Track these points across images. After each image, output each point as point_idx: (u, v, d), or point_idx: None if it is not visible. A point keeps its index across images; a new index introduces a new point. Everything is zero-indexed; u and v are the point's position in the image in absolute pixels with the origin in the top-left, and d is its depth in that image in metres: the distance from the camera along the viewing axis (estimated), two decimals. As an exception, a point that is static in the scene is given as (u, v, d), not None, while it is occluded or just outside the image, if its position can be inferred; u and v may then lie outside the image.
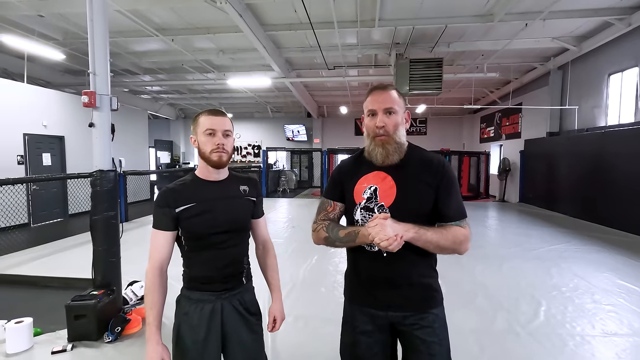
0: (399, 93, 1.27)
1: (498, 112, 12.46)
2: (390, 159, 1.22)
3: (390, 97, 1.23)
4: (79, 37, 6.94)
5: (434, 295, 1.26)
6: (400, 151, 1.23)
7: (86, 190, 6.91)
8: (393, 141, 1.21)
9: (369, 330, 1.28)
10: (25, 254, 4.86)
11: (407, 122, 1.29)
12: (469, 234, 1.19)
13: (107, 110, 2.80)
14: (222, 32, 6.85)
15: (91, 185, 2.79)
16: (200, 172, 1.33)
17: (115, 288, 2.82)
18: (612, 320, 2.91)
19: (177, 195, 1.26)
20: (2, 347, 2.40)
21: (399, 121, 1.23)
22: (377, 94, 1.24)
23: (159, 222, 1.26)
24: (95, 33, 2.78)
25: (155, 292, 1.22)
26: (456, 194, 1.24)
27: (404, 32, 6.90)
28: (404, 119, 1.27)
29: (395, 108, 1.22)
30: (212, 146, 1.27)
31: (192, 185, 1.31)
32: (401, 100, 1.26)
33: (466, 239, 1.17)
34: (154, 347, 1.17)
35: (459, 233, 1.17)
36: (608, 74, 7.19)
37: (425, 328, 1.22)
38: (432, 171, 1.22)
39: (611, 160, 6.57)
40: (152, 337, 1.18)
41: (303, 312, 3.01)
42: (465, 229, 1.19)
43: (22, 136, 7.07)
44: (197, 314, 1.26)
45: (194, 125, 1.32)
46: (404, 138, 1.25)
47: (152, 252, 1.26)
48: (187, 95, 13.38)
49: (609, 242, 5.46)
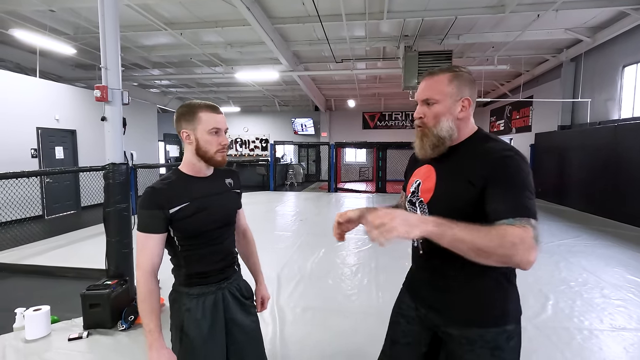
0: (454, 77, 1.08)
1: (508, 105, 12.28)
2: (426, 153, 1.11)
3: (432, 86, 1.09)
4: (90, 32, 7.01)
5: (487, 311, 1.06)
6: (441, 145, 1.08)
7: (98, 183, 7.06)
8: (431, 134, 1.09)
9: (411, 316, 1.22)
10: (40, 244, 5.00)
11: (465, 110, 1.08)
12: (531, 238, 0.86)
13: (118, 104, 2.85)
14: (230, 26, 6.85)
15: (104, 178, 2.85)
16: (189, 169, 1.28)
17: (128, 278, 2.89)
18: (620, 315, 2.89)
19: (168, 195, 1.20)
20: (21, 334, 2.49)
21: (440, 112, 1.07)
22: (423, 81, 1.12)
23: (149, 226, 1.19)
24: (107, 28, 2.82)
25: (152, 297, 1.19)
26: (515, 190, 0.95)
27: (412, 24, 6.82)
28: (456, 108, 1.08)
29: (435, 98, 1.08)
30: (217, 146, 1.25)
31: (181, 183, 1.25)
32: (453, 87, 1.07)
33: (522, 241, 0.84)
34: (160, 352, 1.15)
35: (510, 232, 0.85)
36: (622, 65, 7.03)
37: (465, 346, 1.05)
38: (485, 164, 1.00)
39: (624, 154, 6.45)
40: (155, 342, 1.15)
41: (311, 304, 3.05)
42: (524, 230, 0.86)
43: (35, 130, 7.21)
44: (200, 307, 1.26)
45: (190, 120, 1.24)
46: (449, 131, 1.07)
47: (144, 257, 1.19)
48: (195, 89, 13.45)
49: (620, 236, 5.40)
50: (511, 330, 1.06)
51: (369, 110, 16.22)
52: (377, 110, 16.15)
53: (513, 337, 1.06)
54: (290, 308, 2.98)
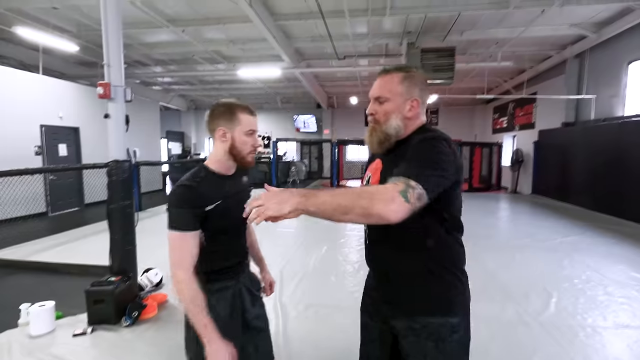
0: (405, 77, 1.11)
1: (512, 102, 12.20)
2: (373, 148, 1.15)
3: (384, 84, 1.12)
4: (92, 29, 7.01)
5: (429, 301, 1.07)
6: (387, 142, 1.12)
7: (101, 180, 7.07)
8: (379, 130, 1.12)
9: (370, 312, 1.23)
10: (45, 241, 5.03)
11: (413, 110, 1.11)
12: (395, 191, 0.86)
13: (121, 101, 2.85)
14: (232, 23, 6.84)
15: (107, 175, 2.86)
16: (218, 166, 1.29)
17: (131, 275, 2.91)
18: (624, 313, 2.88)
19: (203, 193, 1.21)
20: (26, 329, 2.51)
21: (390, 110, 1.10)
22: (377, 79, 1.15)
23: (186, 223, 1.17)
24: (109, 25, 2.81)
25: (199, 295, 1.16)
26: (415, 161, 0.96)
27: (415, 20, 6.78)
28: (405, 107, 1.10)
29: (386, 96, 1.10)
30: (250, 147, 1.28)
31: (212, 181, 1.26)
32: (404, 86, 1.10)
33: (383, 192, 0.86)
34: (219, 344, 1.14)
35: (375, 187, 0.92)
36: (628, 62, 6.96)
37: (410, 338, 1.06)
38: (409, 149, 1.03)
39: (629, 151, 6.40)
40: (214, 335, 1.14)
41: (313, 301, 3.06)
42: (393, 185, 0.88)
43: (39, 127, 7.23)
44: (221, 302, 1.29)
45: (228, 119, 1.25)
46: (397, 129, 1.10)
47: (183, 257, 1.17)
48: (197, 87, 13.45)
49: (624, 234, 5.37)
50: (455, 323, 1.07)
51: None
52: (380, 107, 16.07)
53: (458, 330, 1.07)
54: (293, 305, 2.99)
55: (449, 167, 0.97)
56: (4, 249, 4.59)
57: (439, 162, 0.96)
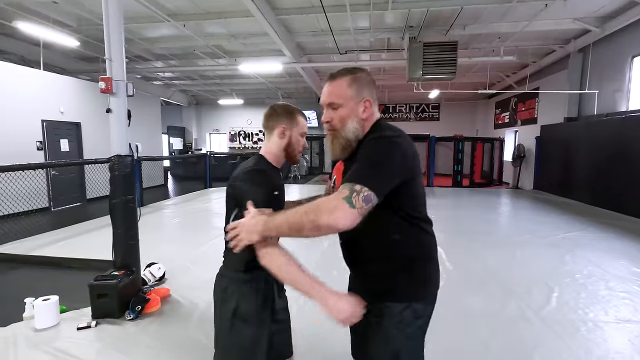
0: (353, 80, 1.11)
1: (514, 97, 12.14)
2: (336, 154, 1.15)
3: (334, 90, 1.13)
4: (93, 24, 6.98)
5: (393, 288, 1.11)
6: (349, 147, 1.12)
7: (102, 175, 7.09)
8: (340, 136, 1.12)
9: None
10: (47, 236, 5.05)
11: (366, 110, 1.12)
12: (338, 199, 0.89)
13: (123, 96, 2.85)
14: (233, 17, 6.80)
15: (110, 169, 2.87)
16: (273, 159, 1.38)
17: (134, 269, 2.92)
18: (625, 307, 2.89)
19: (273, 179, 1.29)
20: (31, 323, 2.54)
21: (345, 114, 1.11)
22: (325, 86, 1.15)
23: (268, 204, 1.18)
24: (110, 19, 2.80)
25: (291, 260, 1.11)
26: (360, 164, 0.98)
27: (417, 14, 6.72)
28: (358, 110, 1.11)
29: (338, 102, 1.11)
30: (301, 147, 1.42)
31: (273, 170, 1.35)
32: (353, 89, 1.11)
33: (326, 202, 0.91)
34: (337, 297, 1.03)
35: (321, 200, 0.94)
36: (632, 56, 6.91)
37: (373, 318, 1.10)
38: (360, 151, 1.06)
39: (632, 146, 6.37)
40: (324, 289, 1.05)
41: (315, 295, 3.07)
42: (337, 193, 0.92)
43: (40, 122, 7.23)
44: (254, 292, 1.28)
45: (290, 120, 1.37)
46: (355, 132, 1.11)
47: None
48: (198, 82, 13.41)
49: (626, 229, 5.37)
50: (419, 309, 1.10)
51: (373, 102, 16.13)
52: (381, 102, 16.04)
53: (421, 316, 1.11)
54: (294, 299, 2.99)
55: (394, 165, 0.99)
56: (6, 243, 4.62)
57: (382, 161, 0.98)
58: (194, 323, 2.61)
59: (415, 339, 1.13)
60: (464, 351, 2.28)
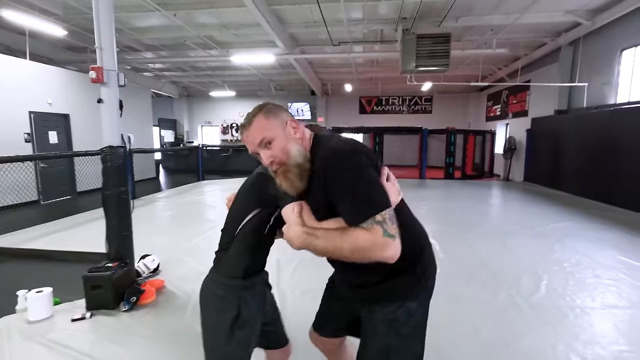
0: (266, 112, 1.10)
1: (505, 90, 12.24)
2: (298, 187, 1.07)
3: (258, 131, 1.08)
4: (80, 12, 6.82)
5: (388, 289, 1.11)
6: (305, 172, 1.07)
7: (93, 168, 6.99)
8: (292, 166, 1.06)
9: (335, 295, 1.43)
10: (37, 229, 4.98)
11: (296, 129, 1.11)
12: (380, 237, 0.91)
13: (114, 86, 2.80)
14: (225, 7, 6.70)
15: (102, 161, 2.83)
16: None
17: (128, 261, 2.91)
18: (611, 294, 2.98)
19: None
20: (24, 315, 2.52)
21: (283, 143, 1.07)
22: (244, 135, 1.11)
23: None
24: (100, 5, 2.74)
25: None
26: (349, 190, 0.96)
27: (411, 6, 6.70)
28: (289, 132, 1.09)
29: (268, 135, 1.07)
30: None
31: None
32: (272, 119, 1.09)
33: (373, 244, 0.91)
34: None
35: (361, 238, 0.92)
36: (621, 49, 7.00)
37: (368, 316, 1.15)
38: (321, 175, 1.02)
39: (620, 138, 6.50)
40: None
41: (310, 287, 3.09)
42: (372, 233, 0.91)
43: (27, 114, 7.08)
44: (254, 298, 1.30)
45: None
46: (301, 153, 1.08)
47: None
48: (189, 73, 13.22)
49: (614, 220, 5.49)
50: (413, 307, 1.11)
51: (366, 94, 16.11)
52: (374, 95, 16.03)
53: (414, 315, 1.11)
54: (290, 290, 3.03)
55: (370, 171, 1.00)
56: (-4, 237, 4.54)
57: (362, 174, 0.97)
58: (189, 313, 2.62)
59: (411, 338, 1.13)
60: (454, 339, 2.34)
